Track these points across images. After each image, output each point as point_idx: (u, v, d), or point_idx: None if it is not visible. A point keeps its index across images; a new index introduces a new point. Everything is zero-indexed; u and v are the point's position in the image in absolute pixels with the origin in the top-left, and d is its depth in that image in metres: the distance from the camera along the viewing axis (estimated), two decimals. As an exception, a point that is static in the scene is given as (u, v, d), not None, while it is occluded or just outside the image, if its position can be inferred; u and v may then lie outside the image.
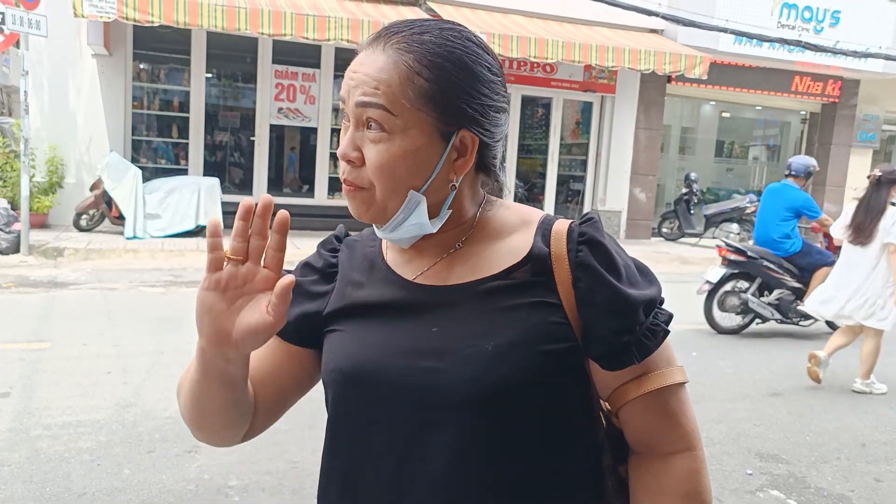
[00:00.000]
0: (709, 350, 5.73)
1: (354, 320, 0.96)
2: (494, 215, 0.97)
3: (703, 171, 13.99)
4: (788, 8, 11.95)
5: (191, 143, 10.46)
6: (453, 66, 0.87)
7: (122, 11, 8.01)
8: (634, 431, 0.94)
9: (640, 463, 0.95)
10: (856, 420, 4.38)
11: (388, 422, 0.90)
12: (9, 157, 9.38)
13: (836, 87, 13.50)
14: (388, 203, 0.89)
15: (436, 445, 0.87)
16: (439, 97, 0.86)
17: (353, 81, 0.88)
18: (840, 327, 5.24)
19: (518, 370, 0.86)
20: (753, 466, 3.62)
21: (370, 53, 0.88)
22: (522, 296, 0.90)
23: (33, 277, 6.98)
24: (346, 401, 0.94)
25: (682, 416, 0.93)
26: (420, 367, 0.88)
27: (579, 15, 10.97)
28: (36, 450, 3.32)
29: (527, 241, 0.94)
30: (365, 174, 0.88)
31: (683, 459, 0.92)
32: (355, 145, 0.88)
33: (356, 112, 0.87)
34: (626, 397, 0.92)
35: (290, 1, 9.17)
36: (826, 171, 13.94)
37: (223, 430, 0.96)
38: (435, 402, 0.87)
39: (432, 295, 0.93)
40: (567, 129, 12.63)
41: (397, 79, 0.85)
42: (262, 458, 3.35)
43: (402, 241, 0.95)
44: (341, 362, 0.93)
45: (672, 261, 10.54)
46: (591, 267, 0.89)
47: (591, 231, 0.92)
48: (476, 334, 0.88)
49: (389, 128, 0.86)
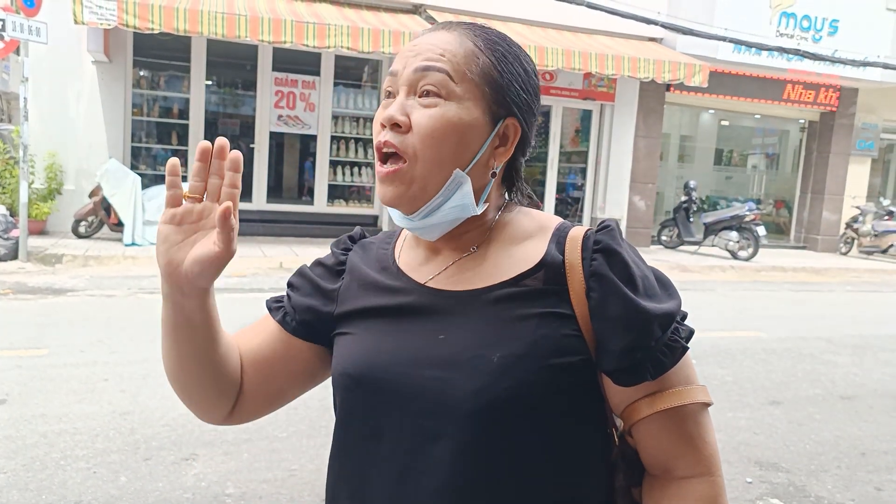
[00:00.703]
0: (708, 358, 5.72)
1: (365, 323, 0.95)
2: (513, 220, 0.95)
3: (702, 180, 14.02)
4: (787, 17, 12.00)
5: (190, 150, 10.45)
6: (513, 58, 0.91)
7: (123, 18, 8.02)
8: (649, 451, 0.89)
9: (655, 485, 0.90)
10: (855, 429, 4.37)
11: (393, 430, 0.88)
12: (8, 164, 9.38)
13: (835, 96, 13.54)
14: (430, 180, 0.87)
15: (437, 458, 0.84)
16: (499, 79, 0.89)
17: (412, 52, 0.88)
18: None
19: (524, 384, 0.82)
20: (753, 475, 3.61)
21: (433, 33, 0.90)
22: (533, 305, 0.86)
23: (31, 284, 6.97)
24: (353, 405, 0.92)
25: (700, 439, 0.88)
26: (426, 375, 0.86)
27: (579, 23, 11.01)
28: (32, 457, 3.30)
29: (540, 248, 0.91)
30: (410, 141, 0.86)
31: (700, 484, 0.87)
32: (405, 111, 0.86)
33: (412, 78, 0.87)
34: (639, 415, 0.87)
35: (290, 8, 9.19)
36: (825, 180, 13.98)
37: (201, 389, 0.94)
38: (438, 413, 0.84)
39: (442, 300, 0.91)
40: (566, 136, 12.65)
41: (462, 52, 0.88)
42: (260, 466, 3.33)
43: (432, 231, 0.92)
44: (349, 366, 0.92)
45: (671, 269, 10.53)
46: (605, 277, 0.85)
47: (608, 239, 0.88)
48: (482, 344, 0.85)
49: (447, 94, 0.86)
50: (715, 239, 12.06)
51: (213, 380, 0.94)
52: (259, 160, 10.76)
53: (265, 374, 0.99)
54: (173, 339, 0.89)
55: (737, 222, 11.76)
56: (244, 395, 0.98)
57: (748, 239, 11.68)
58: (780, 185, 15.24)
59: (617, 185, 12.37)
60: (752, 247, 11.61)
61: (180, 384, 0.95)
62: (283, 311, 1.02)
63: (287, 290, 1.04)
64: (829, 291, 10.08)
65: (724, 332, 6.68)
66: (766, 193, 15.27)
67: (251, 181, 10.85)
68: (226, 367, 0.94)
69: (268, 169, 10.85)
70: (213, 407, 0.97)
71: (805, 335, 6.78)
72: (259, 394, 0.99)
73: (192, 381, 0.94)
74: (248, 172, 10.93)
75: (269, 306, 1.04)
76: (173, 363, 0.93)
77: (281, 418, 3.74)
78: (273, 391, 1.01)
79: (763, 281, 10.60)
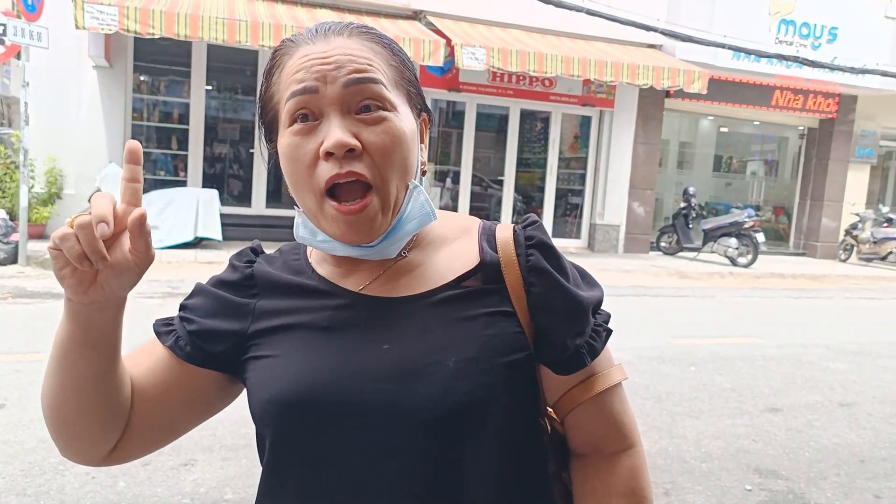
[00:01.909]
0: (706, 365, 5.72)
1: (289, 341, 0.85)
2: (432, 223, 0.91)
3: (701, 186, 14.05)
4: (786, 24, 12.04)
5: (190, 154, 10.48)
6: (404, 56, 0.88)
7: (124, 23, 8.04)
8: (582, 434, 0.92)
9: (585, 465, 0.93)
10: (854, 436, 4.36)
11: (341, 453, 0.81)
12: (8, 168, 9.38)
13: (834, 103, 13.58)
14: (399, 197, 0.82)
15: (393, 471, 0.80)
16: (410, 79, 0.87)
17: (328, 64, 0.79)
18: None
19: (480, 386, 0.80)
20: (752, 482, 3.60)
21: (330, 40, 0.82)
22: (477, 306, 0.85)
23: (30, 288, 6.97)
24: (289, 434, 0.83)
25: (625, 414, 0.92)
26: (377, 388, 0.80)
27: (578, 30, 11.03)
28: (30, 462, 3.29)
29: (472, 248, 0.90)
30: (367, 164, 0.79)
31: (627, 458, 0.92)
32: (351, 132, 0.79)
33: (344, 94, 0.79)
34: (575, 402, 0.89)
35: (290, 14, 9.22)
36: (824, 187, 14.00)
37: (89, 420, 0.83)
38: (394, 425, 0.80)
39: (381, 308, 0.85)
40: (566, 143, 12.67)
41: (380, 58, 0.84)
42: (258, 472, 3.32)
43: (390, 250, 0.86)
44: (281, 391, 0.82)
45: (670, 275, 10.53)
46: (544, 271, 0.86)
47: (539, 234, 0.89)
48: (434, 350, 0.81)
49: (389, 105, 0.81)
50: (714, 245, 12.07)
51: (106, 408, 0.83)
52: (258, 165, 10.78)
53: (153, 404, 0.88)
54: (72, 361, 0.78)
55: (736, 229, 11.77)
56: (130, 428, 0.87)
57: (747, 245, 11.68)
58: (780, 192, 15.27)
59: (616, 191, 12.39)
60: (751, 253, 11.62)
61: (63, 418, 0.83)
62: (175, 334, 0.89)
63: (180, 313, 0.92)
64: (828, 298, 10.08)
65: (722, 339, 6.68)
66: (766, 200, 15.30)
67: (250, 186, 10.86)
68: (120, 393, 0.84)
69: (267, 174, 10.86)
70: (95, 442, 0.85)
71: (804, 342, 6.78)
72: (145, 426, 0.88)
73: (81, 411, 0.82)
74: (248, 177, 10.95)
75: (156, 330, 0.91)
76: (63, 392, 0.81)
77: (279, 424, 3.73)
78: (161, 423, 0.90)
79: (762, 287, 10.61)
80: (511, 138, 12.01)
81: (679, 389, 5.00)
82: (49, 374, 0.81)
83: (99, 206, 0.69)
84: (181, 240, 9.24)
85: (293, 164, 0.81)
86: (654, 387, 4.97)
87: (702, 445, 4.02)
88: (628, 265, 10.63)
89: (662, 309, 8.11)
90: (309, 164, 0.80)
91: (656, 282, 10.11)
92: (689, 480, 3.55)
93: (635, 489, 0.90)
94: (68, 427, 0.84)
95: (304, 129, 0.80)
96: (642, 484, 0.91)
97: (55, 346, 0.79)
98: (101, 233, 0.67)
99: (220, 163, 11.06)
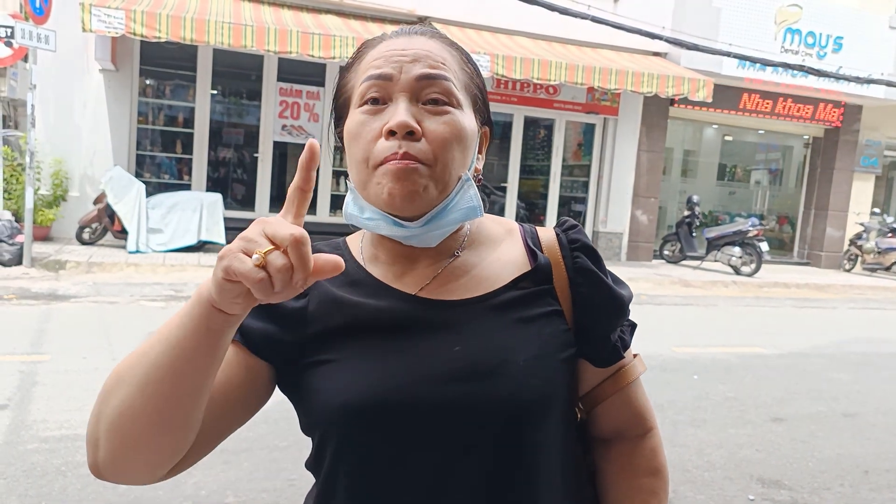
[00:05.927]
0: (709, 374, 5.70)
1: (351, 346, 0.85)
2: (482, 223, 0.98)
3: (705, 194, 14.03)
4: (792, 33, 12.05)
5: (194, 158, 10.50)
6: (476, 66, 0.94)
7: (130, 27, 8.08)
8: (610, 422, 0.98)
9: (611, 449, 1.00)
10: (858, 447, 4.34)
11: (415, 455, 0.83)
12: (15, 170, 9.42)
13: (839, 113, 13.57)
14: (446, 185, 0.85)
15: (470, 471, 0.84)
16: (479, 86, 0.93)
17: (406, 57, 0.85)
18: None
19: (548, 382, 0.87)
20: (755, 492, 3.59)
21: (412, 38, 0.88)
22: (534, 306, 0.91)
23: (35, 290, 6.98)
24: (361, 443, 0.84)
25: (645, 400, 1.00)
26: (452, 390, 0.82)
27: (583, 37, 11.06)
28: (32, 463, 3.30)
29: (519, 249, 0.96)
30: (423, 149, 0.82)
31: (649, 440, 1.00)
32: (415, 118, 0.83)
33: (416, 85, 0.84)
34: (606, 394, 0.96)
35: (296, 19, 9.26)
36: (829, 197, 13.98)
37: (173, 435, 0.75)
38: (470, 425, 0.83)
39: (444, 311, 0.88)
40: (569, 150, 12.68)
41: (453, 62, 0.89)
42: (260, 475, 3.33)
43: (433, 238, 0.88)
44: (353, 397, 0.81)
45: (673, 283, 10.52)
46: (591, 272, 0.94)
47: (583, 238, 0.97)
48: (503, 349, 0.85)
49: (456, 102, 0.86)
50: (717, 254, 12.04)
51: (192, 422, 0.76)
52: (262, 169, 10.80)
53: (220, 408, 0.82)
54: (184, 372, 0.71)
55: (740, 238, 11.75)
56: (197, 436, 0.80)
57: (751, 254, 11.66)
58: (784, 201, 15.24)
59: (619, 198, 12.38)
60: (755, 262, 11.59)
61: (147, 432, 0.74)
62: (240, 329, 0.83)
63: None
64: (832, 308, 10.05)
65: (725, 348, 6.67)
66: (770, 209, 15.27)
67: (254, 190, 10.88)
68: (202, 405, 0.76)
69: (271, 178, 10.88)
70: (167, 459, 0.77)
71: (807, 352, 6.76)
72: (208, 433, 0.81)
73: (167, 426, 0.74)
74: (252, 182, 10.97)
75: None
76: (158, 403, 0.72)
77: (281, 427, 3.73)
78: (221, 428, 0.84)
79: (765, 297, 10.58)
80: (515, 145, 12.02)
81: (681, 398, 4.99)
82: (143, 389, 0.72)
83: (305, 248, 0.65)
84: (185, 243, 9.26)
85: (356, 138, 0.85)
86: (657, 395, 4.95)
87: (704, 455, 4.00)
88: (631, 273, 10.60)
89: (665, 317, 8.09)
90: (370, 140, 0.83)
91: (659, 290, 10.09)
92: (691, 490, 3.53)
93: (658, 467, 1.00)
94: (146, 442, 0.74)
95: (372, 110, 0.84)
96: (663, 461, 1.01)
97: (163, 355, 0.71)
98: None
99: (224, 167, 11.08)
